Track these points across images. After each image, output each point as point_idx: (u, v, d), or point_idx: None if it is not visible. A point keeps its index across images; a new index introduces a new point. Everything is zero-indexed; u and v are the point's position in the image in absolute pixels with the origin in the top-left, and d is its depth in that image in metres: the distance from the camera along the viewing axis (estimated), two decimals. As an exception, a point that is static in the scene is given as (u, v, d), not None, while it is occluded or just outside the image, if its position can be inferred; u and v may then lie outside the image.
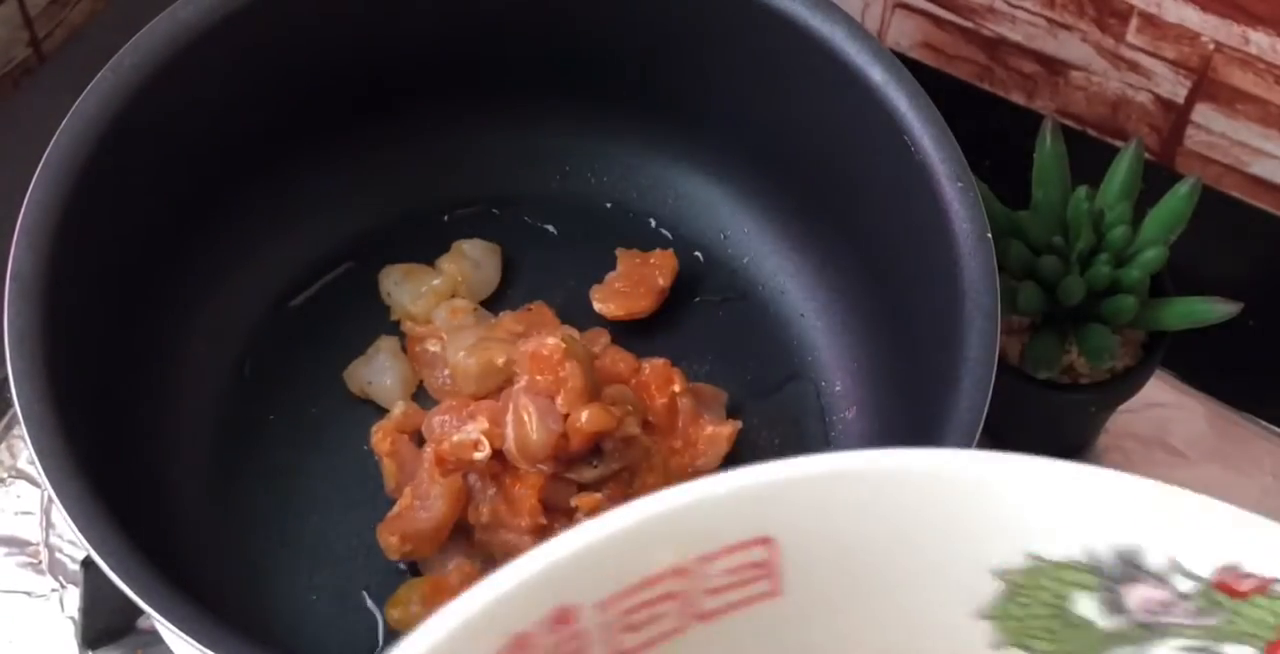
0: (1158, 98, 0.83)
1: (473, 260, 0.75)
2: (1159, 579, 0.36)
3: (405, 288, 0.74)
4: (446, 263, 0.74)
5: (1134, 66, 0.82)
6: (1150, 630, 0.37)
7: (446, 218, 0.77)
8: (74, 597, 0.72)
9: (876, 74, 0.67)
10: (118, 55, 0.65)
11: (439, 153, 0.76)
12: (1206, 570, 0.36)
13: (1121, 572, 0.37)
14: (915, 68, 0.69)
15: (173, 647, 0.64)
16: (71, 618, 0.72)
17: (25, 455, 0.75)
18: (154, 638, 0.70)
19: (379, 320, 0.74)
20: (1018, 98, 0.87)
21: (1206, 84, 0.81)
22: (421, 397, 0.72)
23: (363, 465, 0.71)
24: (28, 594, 0.73)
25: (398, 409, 0.70)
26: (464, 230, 0.76)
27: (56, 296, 0.62)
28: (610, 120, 0.76)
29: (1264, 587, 0.36)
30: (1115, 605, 0.37)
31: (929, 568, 0.37)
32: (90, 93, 0.65)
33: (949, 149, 0.65)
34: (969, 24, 0.84)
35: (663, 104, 0.75)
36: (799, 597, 0.37)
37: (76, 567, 0.72)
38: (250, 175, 0.72)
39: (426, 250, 0.75)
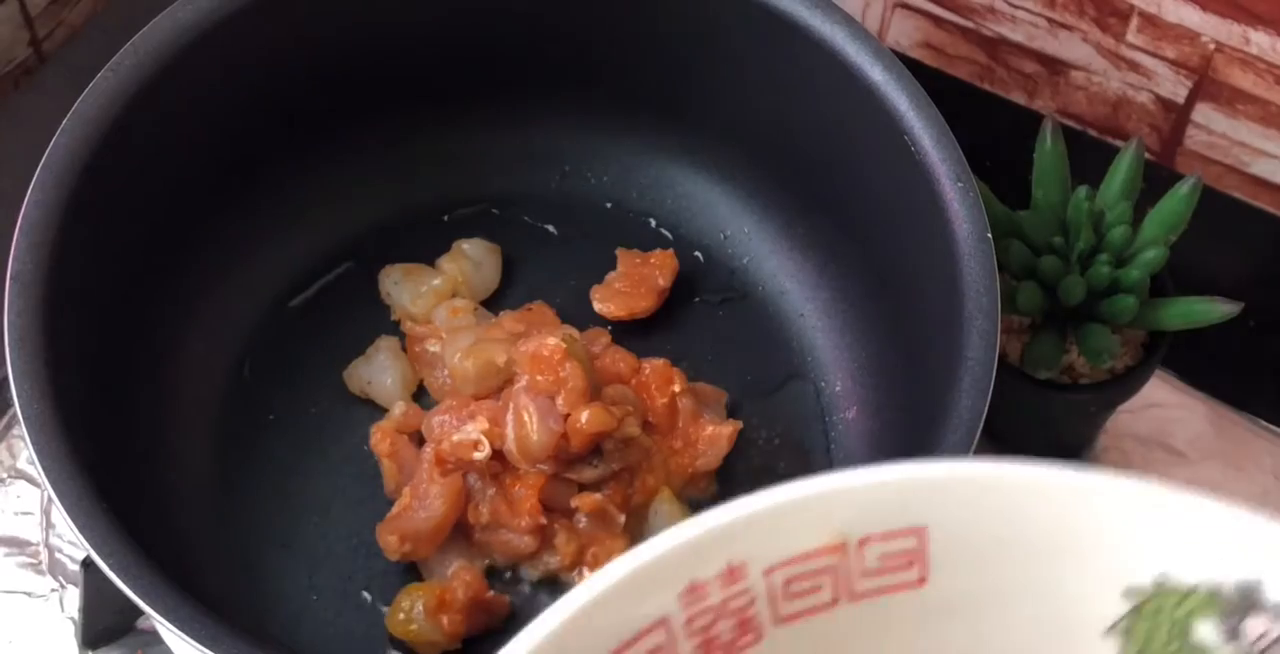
0: (1158, 98, 0.82)
1: (473, 260, 0.75)
2: (1274, 613, 0.38)
3: (405, 288, 0.74)
4: (446, 263, 0.74)
5: (1134, 66, 0.82)
6: None
7: (446, 218, 0.77)
8: (74, 597, 0.72)
9: (877, 74, 0.67)
10: (118, 55, 0.65)
11: (439, 153, 0.76)
12: None
13: (1241, 602, 0.38)
14: (915, 68, 0.69)
15: (173, 647, 0.64)
16: (71, 618, 0.72)
17: (25, 455, 0.75)
18: (154, 638, 0.70)
19: (379, 320, 0.74)
20: (1018, 98, 0.87)
21: (1207, 84, 0.81)
22: (421, 397, 0.72)
23: (363, 465, 0.71)
24: (28, 594, 0.73)
25: (397, 409, 0.70)
26: (464, 230, 0.76)
27: (56, 297, 0.62)
28: (610, 120, 0.76)
29: None
30: (1233, 634, 0.39)
31: (1064, 580, 0.39)
32: (90, 93, 0.65)
33: (949, 149, 0.65)
34: (969, 24, 0.84)
35: (663, 104, 0.75)
36: (943, 589, 0.39)
37: (76, 567, 0.72)
38: (249, 175, 0.72)
39: (426, 250, 0.75)
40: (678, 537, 0.37)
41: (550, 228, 0.77)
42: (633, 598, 0.37)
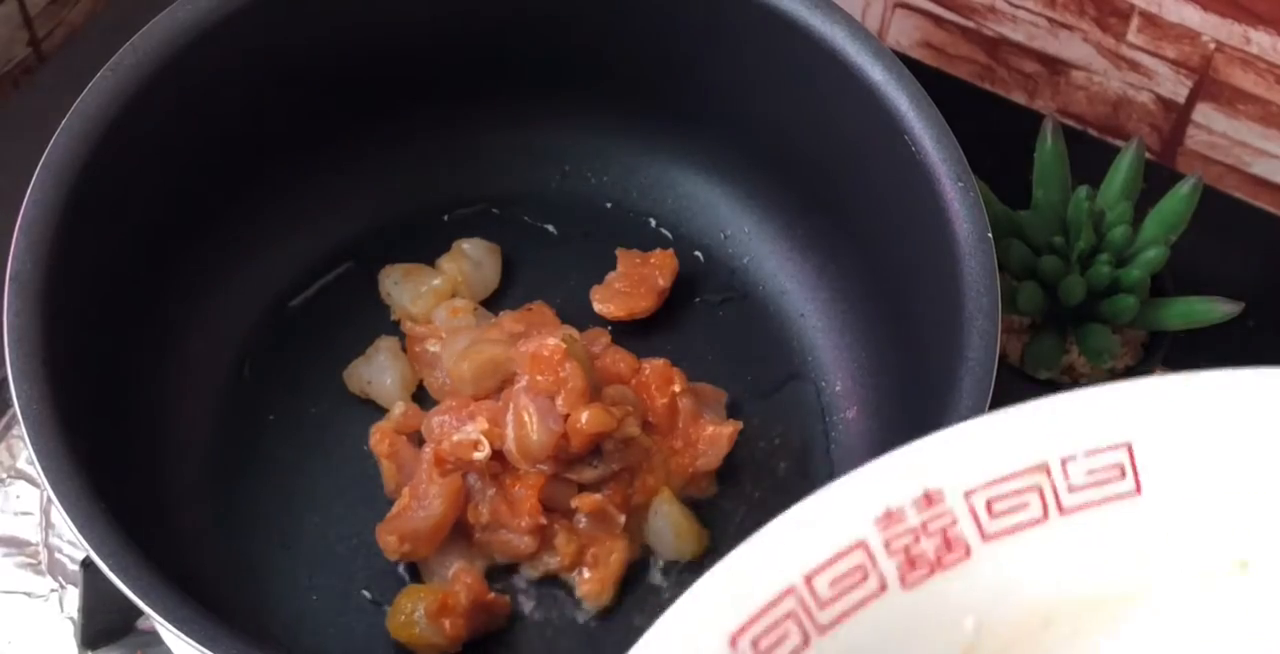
0: (1159, 97, 0.82)
1: (473, 260, 0.75)
2: None
3: (405, 288, 0.74)
4: (446, 263, 0.74)
5: (1135, 66, 0.82)
6: None
7: (446, 218, 0.77)
8: (73, 597, 0.72)
9: (877, 74, 0.67)
10: (117, 55, 0.65)
11: (439, 153, 0.76)
12: None
13: None
14: (916, 67, 0.69)
15: (172, 647, 0.64)
16: (71, 618, 0.72)
17: (25, 455, 0.75)
18: (154, 638, 0.70)
19: (379, 320, 0.74)
20: (1018, 97, 0.87)
21: (1207, 84, 0.81)
22: (421, 397, 0.72)
23: (362, 465, 0.71)
24: (27, 595, 0.73)
25: (397, 409, 0.70)
26: (464, 230, 0.76)
27: (56, 297, 0.62)
28: (610, 120, 0.76)
29: None
30: None
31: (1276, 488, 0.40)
32: (90, 93, 0.65)
33: (950, 149, 0.65)
34: (970, 23, 0.84)
35: (663, 104, 0.75)
36: (1160, 496, 0.40)
37: (76, 567, 0.72)
38: (249, 175, 0.72)
39: (426, 250, 0.75)
40: (867, 471, 0.40)
41: (550, 228, 0.77)
42: (825, 526, 0.39)
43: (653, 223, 0.77)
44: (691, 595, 0.38)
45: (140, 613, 0.62)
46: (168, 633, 0.58)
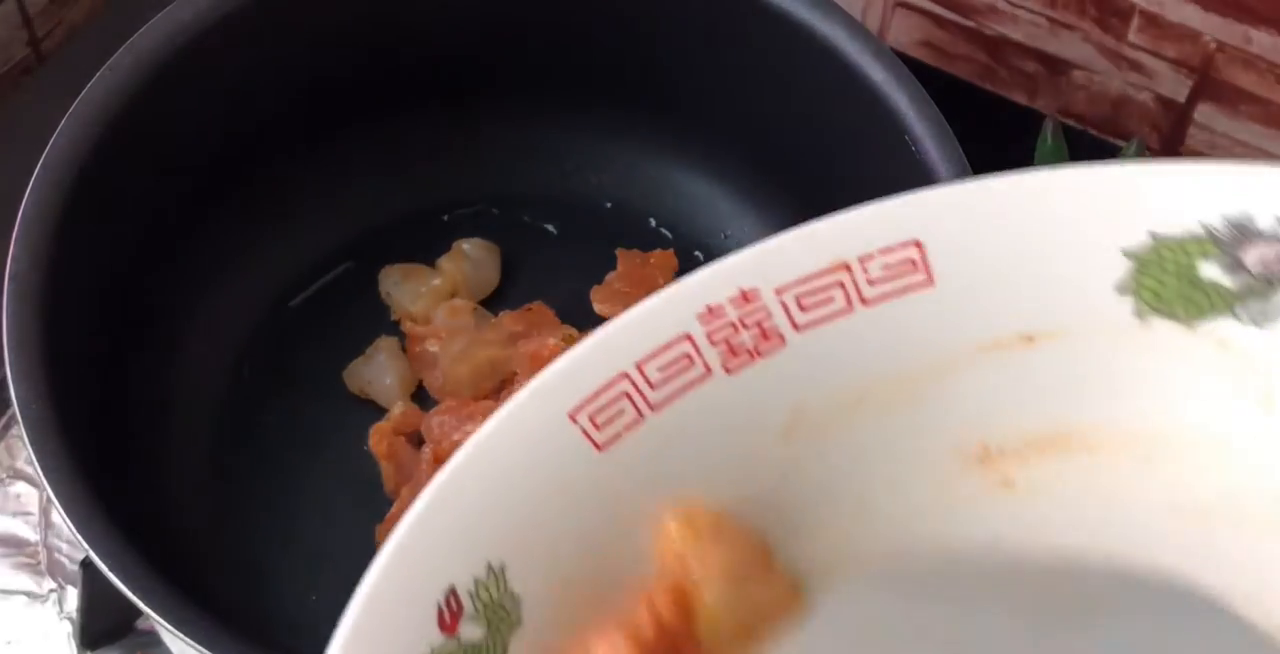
0: (1159, 97, 0.82)
1: (473, 260, 0.75)
2: (1271, 237, 0.43)
3: (405, 288, 0.74)
4: (446, 263, 0.74)
5: (1136, 66, 0.82)
6: (1272, 283, 0.44)
7: (446, 218, 0.77)
8: (73, 597, 0.72)
9: (877, 73, 0.66)
10: (117, 55, 0.65)
11: (439, 153, 0.76)
12: None
13: (1235, 236, 0.43)
14: (916, 67, 0.69)
15: (172, 647, 0.64)
16: (70, 618, 0.72)
17: (24, 455, 0.75)
18: (153, 638, 0.70)
19: (379, 320, 0.74)
20: (1019, 97, 0.87)
21: (1208, 84, 0.80)
22: (421, 397, 0.72)
23: (362, 465, 0.71)
24: (26, 595, 0.73)
25: (397, 409, 0.70)
26: (464, 230, 0.76)
27: (55, 297, 0.62)
28: (610, 120, 0.76)
29: None
30: (1236, 266, 0.44)
31: (1066, 255, 0.45)
32: (89, 93, 0.65)
33: (950, 149, 0.65)
34: (970, 23, 0.84)
35: (663, 104, 0.75)
36: (950, 285, 0.45)
37: (75, 567, 0.72)
38: (249, 175, 0.72)
39: (426, 250, 0.75)
40: (690, 278, 0.45)
41: (550, 228, 0.77)
42: (653, 322, 0.44)
43: (653, 223, 0.77)
44: (534, 383, 0.43)
45: (140, 613, 0.62)
46: (168, 633, 0.58)
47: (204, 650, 0.57)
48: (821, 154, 0.71)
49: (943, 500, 0.47)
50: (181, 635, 0.57)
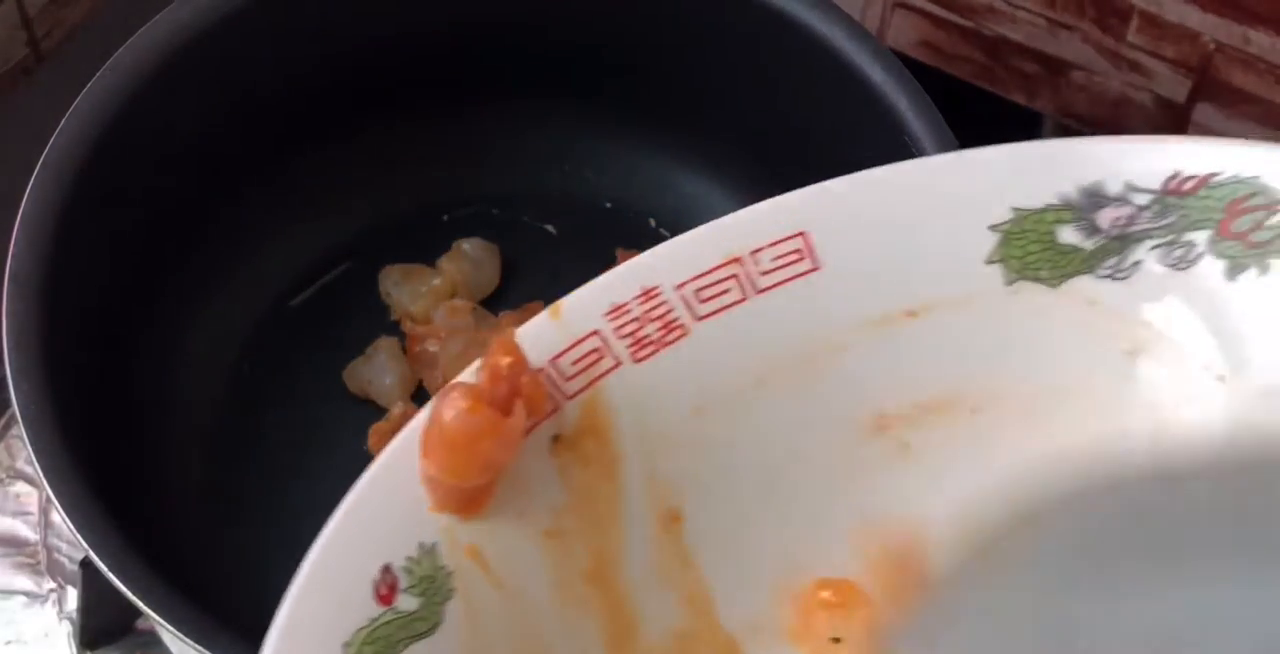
0: (1158, 97, 0.82)
1: (473, 260, 0.75)
2: (1120, 200, 0.49)
3: (405, 288, 0.74)
4: (446, 263, 0.74)
5: (1135, 66, 0.82)
6: (1125, 240, 0.49)
7: (446, 218, 0.77)
8: (73, 597, 0.72)
9: (876, 74, 0.66)
10: (117, 55, 0.65)
11: (439, 153, 0.76)
12: (1155, 183, 0.48)
13: (1089, 203, 0.49)
14: (915, 67, 0.69)
15: (172, 647, 0.64)
16: (70, 618, 0.72)
17: (24, 455, 0.75)
18: (153, 638, 0.70)
19: (379, 320, 0.74)
20: (1018, 97, 0.87)
21: (1207, 84, 0.80)
22: (421, 397, 0.72)
23: (362, 465, 0.70)
24: (26, 595, 0.73)
25: (397, 409, 0.70)
26: (464, 230, 0.76)
27: (55, 297, 0.62)
28: (610, 120, 0.76)
29: (1202, 183, 0.48)
30: (1092, 229, 0.49)
31: (937, 235, 0.49)
32: (89, 93, 0.65)
33: (949, 149, 0.65)
34: (969, 24, 0.84)
35: (663, 104, 0.75)
36: (836, 270, 0.49)
37: (75, 567, 0.72)
38: (249, 175, 0.72)
39: (426, 250, 0.75)
40: (597, 281, 0.50)
41: (550, 228, 0.77)
42: (563, 322, 0.49)
43: (653, 223, 0.77)
44: (459, 380, 0.47)
45: (139, 613, 0.62)
46: (167, 633, 0.58)
47: (204, 650, 0.57)
48: (821, 153, 0.71)
49: (846, 468, 0.50)
50: (181, 635, 0.57)
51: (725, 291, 0.49)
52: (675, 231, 0.77)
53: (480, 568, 0.47)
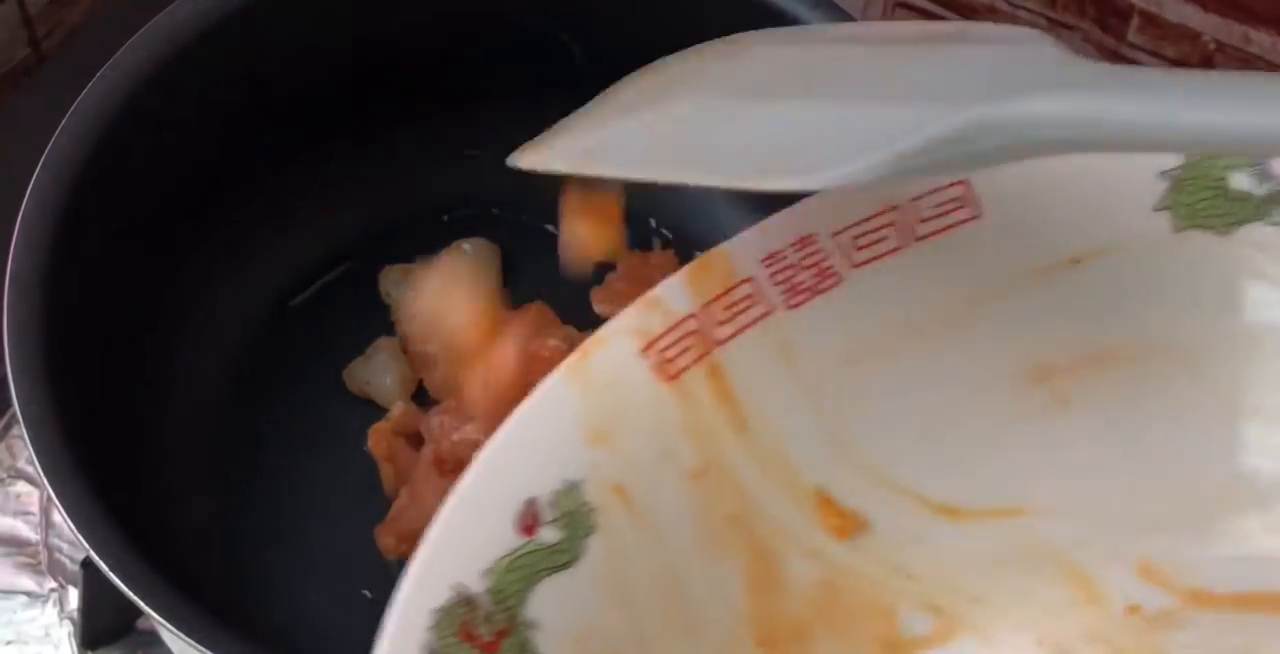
0: (1158, 97, 0.82)
1: (473, 260, 0.75)
2: None
3: (405, 288, 0.74)
4: (447, 263, 0.74)
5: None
6: None
7: (446, 218, 0.77)
8: (73, 597, 0.72)
9: (877, 74, 0.66)
10: (117, 55, 0.65)
11: (439, 153, 0.76)
12: None
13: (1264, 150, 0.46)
14: (916, 67, 0.69)
15: (172, 647, 0.64)
16: (70, 618, 0.72)
17: (25, 455, 0.75)
18: (153, 638, 0.70)
19: (379, 320, 0.74)
20: (1018, 98, 0.86)
21: (1207, 84, 0.80)
22: (421, 397, 0.72)
23: (362, 465, 0.71)
24: (27, 595, 0.73)
25: (396, 409, 0.70)
26: (464, 230, 0.76)
27: (56, 297, 0.62)
28: (610, 120, 0.76)
29: None
30: (1264, 175, 0.48)
31: (1104, 182, 0.48)
32: (90, 93, 0.65)
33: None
34: (969, 24, 0.84)
35: (663, 104, 0.75)
36: (998, 218, 0.48)
37: (76, 567, 0.72)
38: (249, 174, 0.72)
39: (426, 250, 0.75)
40: (754, 228, 0.50)
41: (550, 228, 0.77)
42: (723, 267, 0.49)
43: (653, 223, 0.77)
44: (612, 324, 0.48)
45: (140, 613, 0.62)
46: (168, 633, 0.58)
47: (204, 650, 0.57)
48: (821, 154, 0.71)
49: (1004, 419, 0.50)
50: (181, 635, 0.57)
51: (883, 239, 0.49)
52: (676, 231, 0.78)
53: (624, 506, 0.47)
